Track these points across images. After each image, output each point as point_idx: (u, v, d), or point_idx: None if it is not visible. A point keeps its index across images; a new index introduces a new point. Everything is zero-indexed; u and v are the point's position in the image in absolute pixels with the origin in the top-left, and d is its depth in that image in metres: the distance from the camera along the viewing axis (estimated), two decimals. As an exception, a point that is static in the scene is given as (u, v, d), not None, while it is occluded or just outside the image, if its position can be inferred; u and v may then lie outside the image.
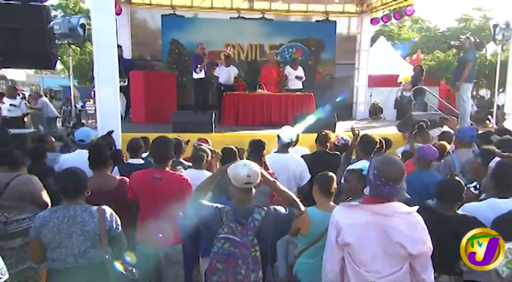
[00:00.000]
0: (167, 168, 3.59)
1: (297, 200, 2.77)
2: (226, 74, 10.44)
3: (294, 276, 3.17)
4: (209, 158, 4.22)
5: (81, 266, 2.75)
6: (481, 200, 3.22)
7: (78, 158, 4.28)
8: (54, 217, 2.77)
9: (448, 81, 18.36)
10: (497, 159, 3.40)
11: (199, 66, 9.82)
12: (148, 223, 3.41)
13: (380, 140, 4.76)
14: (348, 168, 3.93)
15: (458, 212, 2.97)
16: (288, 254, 3.75)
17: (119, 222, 2.96)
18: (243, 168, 2.64)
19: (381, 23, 13.48)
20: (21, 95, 15.53)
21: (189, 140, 5.34)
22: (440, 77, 19.43)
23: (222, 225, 2.54)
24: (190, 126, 7.24)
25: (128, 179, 3.68)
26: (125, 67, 10.15)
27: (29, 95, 19.04)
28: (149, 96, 9.58)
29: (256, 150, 4.09)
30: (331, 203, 3.16)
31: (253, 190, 2.70)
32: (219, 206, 2.68)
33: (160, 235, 3.37)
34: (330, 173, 3.26)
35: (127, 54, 11.38)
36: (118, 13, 11.53)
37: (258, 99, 9.95)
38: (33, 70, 26.07)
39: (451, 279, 2.91)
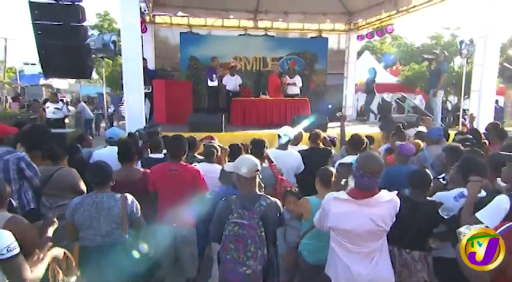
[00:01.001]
0: (181, 162, 3.55)
1: None
2: (232, 82, 10.37)
3: (297, 254, 3.16)
4: (219, 153, 4.18)
5: (107, 244, 2.76)
6: (448, 190, 3.18)
7: (109, 153, 4.26)
8: (85, 203, 2.79)
9: (422, 89, 18.20)
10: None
11: (214, 75, 9.82)
12: (167, 208, 3.40)
13: (365, 138, 4.75)
14: (339, 162, 3.94)
15: (428, 198, 2.98)
16: (286, 235, 3.70)
17: (139, 207, 2.95)
18: (251, 161, 2.68)
19: (366, 39, 13.37)
20: (64, 100, 15.62)
21: (202, 138, 5.30)
22: (416, 85, 19.26)
23: (232, 212, 2.53)
24: (203, 126, 7.19)
25: (142, 171, 3.69)
26: (149, 76, 10.12)
27: (70, 101, 19.13)
28: (169, 101, 9.53)
29: (257, 148, 4.04)
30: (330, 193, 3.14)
31: (258, 179, 2.69)
32: (228, 197, 2.68)
33: (175, 225, 3.34)
34: (330, 168, 3.24)
35: (151, 66, 11.34)
36: (144, 31, 11.53)
37: (261, 104, 9.89)
38: (74, 80, 26.09)
39: (421, 254, 2.88)
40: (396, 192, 2.42)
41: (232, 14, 12.08)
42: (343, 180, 3.00)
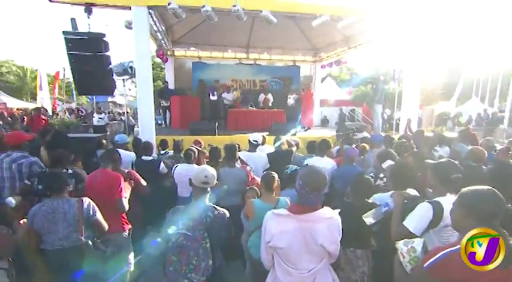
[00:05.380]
0: (107, 169, 2.61)
1: None
2: (229, 97, 9.72)
3: (247, 250, 2.40)
4: (196, 155, 3.43)
5: (65, 247, 2.01)
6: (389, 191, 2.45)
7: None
8: (42, 209, 2.02)
9: (367, 104, 17.40)
10: (389, 161, 2.69)
11: (215, 92, 9.32)
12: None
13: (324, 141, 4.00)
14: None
15: (367, 200, 2.26)
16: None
17: (96, 209, 2.16)
18: (202, 172, 1.90)
19: (327, 68, 12.58)
20: (114, 112, 14.76)
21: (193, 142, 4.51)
22: (363, 101, 18.49)
23: (178, 222, 1.77)
24: (201, 131, 6.46)
25: (126, 171, 2.90)
26: (169, 94, 9.49)
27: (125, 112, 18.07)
28: (182, 112, 8.82)
29: (230, 152, 3.29)
30: (273, 196, 2.39)
31: (209, 189, 1.94)
32: (175, 207, 1.91)
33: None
34: (273, 173, 2.45)
35: (171, 86, 10.63)
36: (166, 61, 10.83)
37: (249, 114, 9.22)
38: (133, 97, 24.86)
39: (362, 252, 2.20)
40: (338, 211, 1.66)
41: (229, 48, 11.42)
42: None
